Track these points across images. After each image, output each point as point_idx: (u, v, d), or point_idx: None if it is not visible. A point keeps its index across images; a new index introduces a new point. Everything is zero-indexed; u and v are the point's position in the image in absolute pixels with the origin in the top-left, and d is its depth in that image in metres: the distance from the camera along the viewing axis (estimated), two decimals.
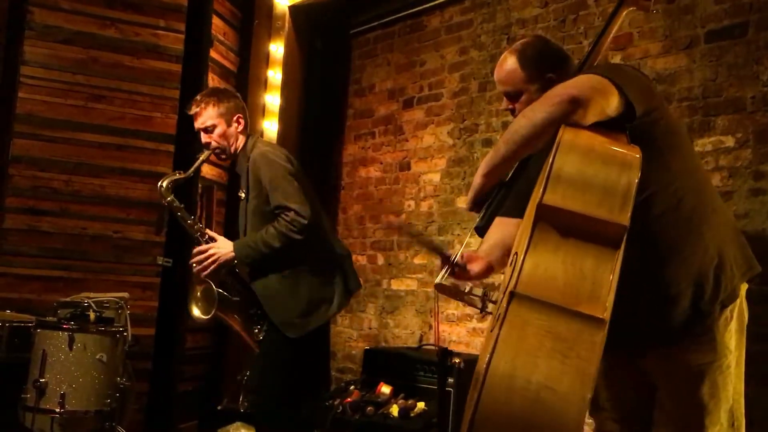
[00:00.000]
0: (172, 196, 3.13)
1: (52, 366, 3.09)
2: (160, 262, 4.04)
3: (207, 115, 3.12)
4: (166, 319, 4.10)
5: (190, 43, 4.24)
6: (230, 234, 3.66)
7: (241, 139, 3.18)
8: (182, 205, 3.18)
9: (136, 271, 4.06)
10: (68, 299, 3.40)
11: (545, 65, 1.98)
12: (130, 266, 4.06)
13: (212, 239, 3.14)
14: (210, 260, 3.08)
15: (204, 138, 3.16)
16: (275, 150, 3.15)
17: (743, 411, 1.87)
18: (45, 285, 3.89)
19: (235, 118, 3.15)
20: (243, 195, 3.16)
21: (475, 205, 1.86)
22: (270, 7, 4.91)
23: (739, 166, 3.18)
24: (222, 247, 3.08)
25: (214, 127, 3.12)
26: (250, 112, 4.76)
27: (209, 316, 3.16)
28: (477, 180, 1.79)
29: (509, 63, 1.99)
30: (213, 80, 4.51)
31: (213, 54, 4.46)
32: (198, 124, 3.16)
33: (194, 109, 3.15)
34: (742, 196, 3.15)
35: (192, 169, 3.20)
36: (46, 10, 3.98)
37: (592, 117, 1.64)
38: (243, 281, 3.23)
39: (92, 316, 3.23)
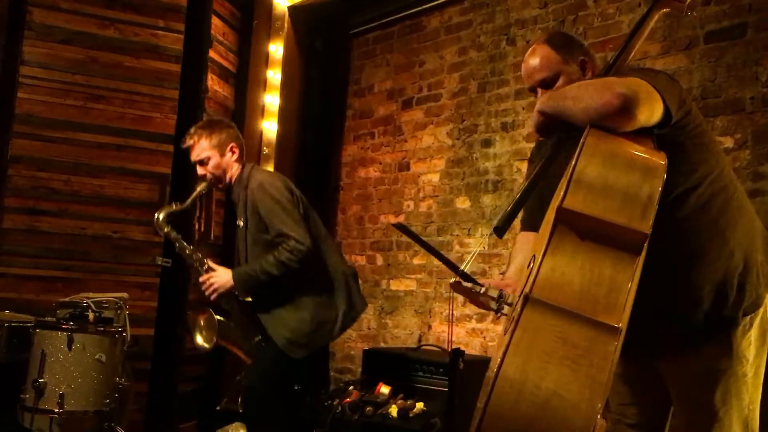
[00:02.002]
0: (169, 228, 3.20)
1: (51, 366, 3.08)
2: (160, 263, 4.01)
3: (200, 148, 3.16)
4: (166, 319, 4.09)
5: (190, 43, 4.24)
6: (230, 237, 3.60)
7: (237, 168, 3.21)
8: (180, 236, 3.24)
9: (135, 272, 4.06)
10: (67, 299, 3.39)
11: (575, 48, 2.01)
12: (129, 266, 4.05)
13: (211, 269, 3.18)
14: (210, 290, 3.14)
15: (200, 170, 3.20)
16: (273, 179, 3.18)
17: (758, 422, 1.83)
18: (44, 285, 3.88)
19: (229, 148, 3.18)
20: (241, 224, 3.20)
21: (541, 134, 1.84)
22: (269, 7, 4.91)
23: (737, 167, 3.18)
24: (221, 277, 3.13)
25: (208, 159, 3.16)
26: (249, 112, 4.83)
27: (211, 345, 3.24)
28: (535, 114, 1.79)
29: (541, 50, 1.99)
30: (212, 80, 4.50)
31: (212, 54, 4.46)
32: (193, 157, 3.19)
33: (188, 142, 3.19)
34: None
35: (188, 201, 3.22)
36: (45, 10, 3.97)
37: (636, 125, 1.60)
38: (246, 308, 3.28)
39: (91, 316, 3.23)
